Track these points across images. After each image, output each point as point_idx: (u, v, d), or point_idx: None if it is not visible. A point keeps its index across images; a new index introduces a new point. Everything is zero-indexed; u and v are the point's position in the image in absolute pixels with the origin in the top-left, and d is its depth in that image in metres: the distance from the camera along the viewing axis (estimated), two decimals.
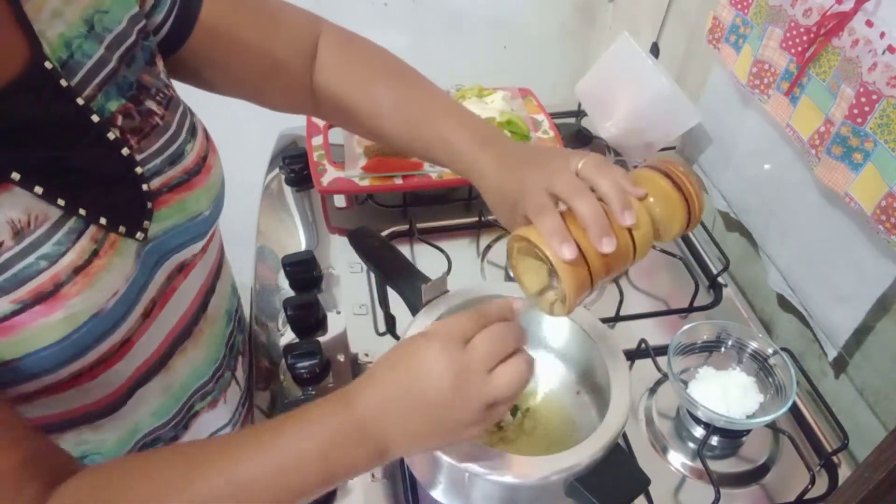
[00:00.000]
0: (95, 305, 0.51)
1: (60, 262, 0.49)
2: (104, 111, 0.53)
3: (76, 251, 0.50)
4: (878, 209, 0.70)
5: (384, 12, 1.43)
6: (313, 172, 1.03)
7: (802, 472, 0.74)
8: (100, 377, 0.55)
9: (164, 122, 0.58)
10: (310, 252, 0.94)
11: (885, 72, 0.67)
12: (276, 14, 0.70)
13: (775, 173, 0.94)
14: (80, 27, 0.51)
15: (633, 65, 1.06)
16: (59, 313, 0.49)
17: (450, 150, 0.65)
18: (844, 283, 0.81)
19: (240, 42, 0.66)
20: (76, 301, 0.49)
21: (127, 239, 0.54)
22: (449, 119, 0.66)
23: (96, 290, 0.51)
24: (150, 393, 0.62)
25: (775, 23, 0.85)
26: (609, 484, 0.59)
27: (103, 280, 0.51)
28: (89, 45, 0.52)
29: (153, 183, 0.57)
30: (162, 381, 0.63)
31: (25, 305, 0.47)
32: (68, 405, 0.56)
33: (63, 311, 0.49)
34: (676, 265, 1.00)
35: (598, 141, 1.18)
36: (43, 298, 0.48)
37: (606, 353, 0.67)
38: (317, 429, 0.49)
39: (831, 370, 0.89)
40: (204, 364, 0.70)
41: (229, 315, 0.76)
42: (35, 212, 0.48)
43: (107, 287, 0.52)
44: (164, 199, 0.58)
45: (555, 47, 1.55)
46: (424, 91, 0.70)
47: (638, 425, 0.81)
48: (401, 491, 0.72)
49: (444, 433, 0.50)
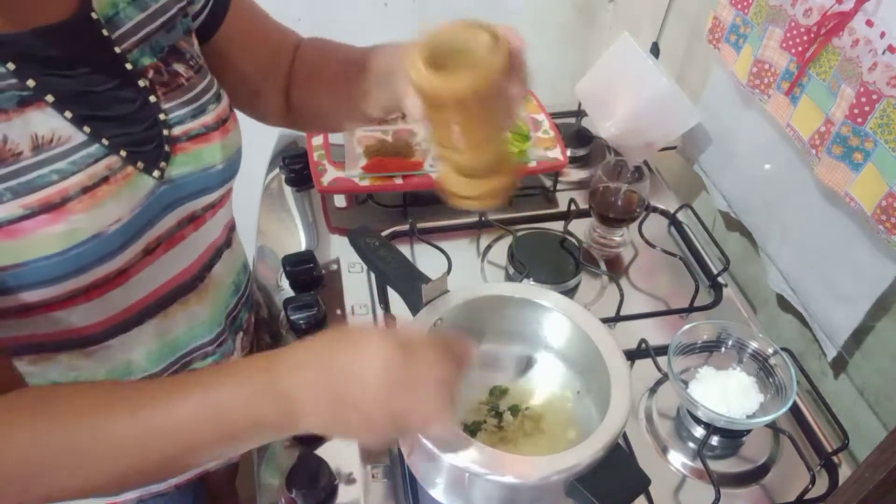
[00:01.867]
0: (97, 227, 0.55)
1: (71, 179, 0.53)
2: (138, 63, 0.60)
3: (87, 173, 0.54)
4: (879, 209, 0.70)
5: (384, 12, 1.43)
6: (313, 172, 1.03)
7: (803, 472, 0.74)
8: (95, 300, 0.58)
9: (189, 83, 0.64)
10: (310, 252, 0.94)
11: (886, 71, 0.67)
12: (280, 34, 0.78)
13: (776, 173, 0.94)
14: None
15: (633, 65, 1.06)
16: (61, 225, 0.52)
17: None
18: (844, 282, 0.81)
19: (253, 45, 0.74)
20: (79, 218, 0.53)
21: (143, 175, 0.58)
22: None
23: (99, 212, 0.55)
24: (145, 334, 0.66)
25: (775, 23, 0.85)
26: (609, 484, 0.59)
27: (108, 205, 0.55)
28: (132, 10, 0.59)
29: (175, 130, 0.62)
30: (158, 325, 0.66)
31: (33, 212, 0.51)
32: (64, 325, 0.59)
33: (65, 225, 0.52)
34: (676, 265, 1.00)
35: (599, 141, 1.18)
36: (49, 209, 0.52)
37: (606, 353, 0.67)
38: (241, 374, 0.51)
39: (831, 370, 0.89)
40: (204, 324, 0.72)
41: (237, 287, 0.79)
42: (60, 133, 0.53)
43: (110, 212, 0.56)
44: (183, 146, 0.62)
45: (555, 47, 1.54)
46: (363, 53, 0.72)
47: (638, 425, 0.81)
48: (401, 491, 0.72)
49: (349, 424, 0.51)
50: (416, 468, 0.67)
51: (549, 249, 0.99)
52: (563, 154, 1.08)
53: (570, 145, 1.17)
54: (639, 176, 0.98)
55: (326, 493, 0.70)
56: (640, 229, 1.04)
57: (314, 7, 1.41)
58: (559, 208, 1.10)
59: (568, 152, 1.11)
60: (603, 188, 0.97)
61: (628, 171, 0.99)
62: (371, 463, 0.74)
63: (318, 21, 1.42)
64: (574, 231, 1.02)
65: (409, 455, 0.68)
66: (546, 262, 0.97)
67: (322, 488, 0.70)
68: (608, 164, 0.98)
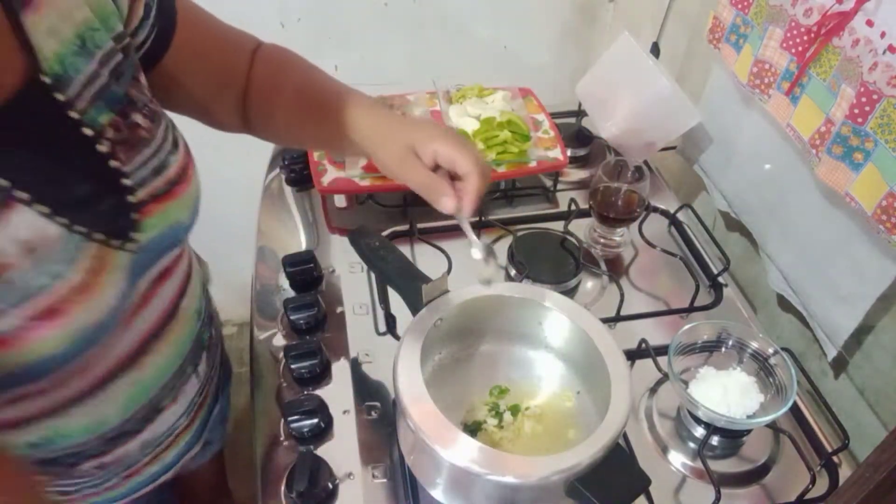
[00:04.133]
0: (94, 319, 0.53)
1: (65, 279, 0.50)
2: (96, 124, 0.54)
3: (79, 269, 0.51)
4: (879, 209, 0.70)
5: (384, 12, 1.43)
6: (314, 172, 1.03)
7: (803, 472, 0.74)
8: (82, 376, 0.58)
9: (149, 134, 0.59)
10: (310, 252, 0.94)
11: (886, 71, 0.67)
12: (232, 39, 0.74)
13: (776, 173, 0.94)
14: (74, 42, 0.53)
15: (633, 65, 1.06)
16: (61, 328, 0.51)
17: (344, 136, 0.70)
18: (845, 282, 0.81)
19: (203, 64, 0.70)
20: (78, 316, 0.51)
21: (118, 252, 0.56)
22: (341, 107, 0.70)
23: (95, 305, 0.53)
24: (118, 388, 0.64)
25: (776, 22, 0.85)
26: (609, 484, 0.59)
27: (102, 296, 0.53)
28: (82, 61, 0.53)
29: (139, 194, 0.58)
30: (130, 377, 0.65)
31: (32, 320, 0.49)
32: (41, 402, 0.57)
33: (62, 327, 0.51)
34: (677, 265, 1.00)
35: (599, 141, 1.18)
36: (49, 314, 0.50)
37: (606, 353, 0.67)
38: None
39: (832, 370, 0.89)
40: (171, 360, 0.71)
41: (199, 314, 0.76)
42: (41, 231, 0.49)
43: (104, 302, 0.54)
44: (149, 209, 0.59)
45: (555, 47, 1.54)
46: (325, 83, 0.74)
47: (638, 425, 0.81)
48: (401, 491, 0.72)
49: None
50: (417, 468, 0.67)
51: (549, 249, 0.99)
52: (563, 154, 1.08)
53: (571, 145, 1.17)
54: (639, 176, 0.98)
55: (326, 493, 0.70)
56: (640, 229, 1.04)
57: (314, 7, 1.41)
58: (559, 208, 1.10)
59: (568, 152, 1.11)
60: (603, 188, 0.97)
61: (628, 171, 0.99)
62: (371, 463, 0.74)
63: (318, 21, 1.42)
64: (574, 231, 1.02)
65: (409, 455, 0.68)
66: (546, 262, 0.97)
67: (322, 488, 0.70)
68: (608, 164, 0.98)
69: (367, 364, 0.84)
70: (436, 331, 0.69)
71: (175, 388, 0.72)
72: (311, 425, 0.74)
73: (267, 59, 0.75)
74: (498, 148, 1.05)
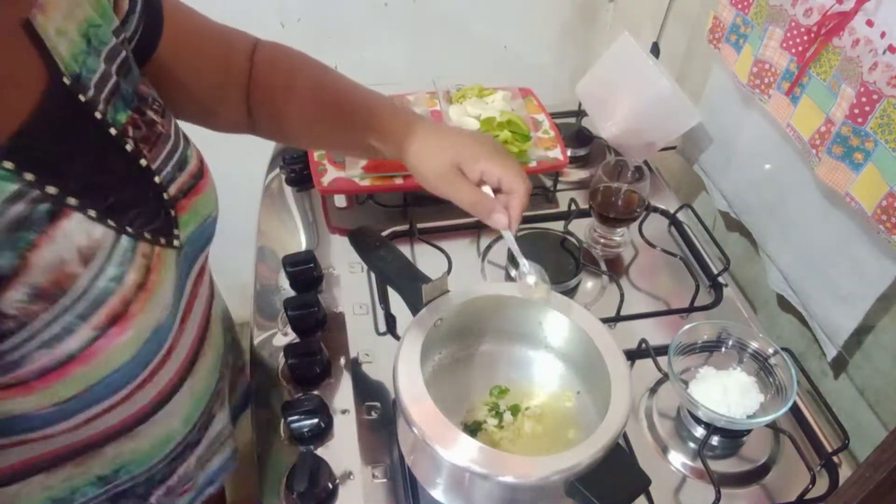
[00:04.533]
0: (155, 319, 0.52)
1: (125, 282, 0.49)
2: (117, 123, 0.53)
3: (135, 269, 0.50)
4: (879, 209, 0.70)
5: (384, 12, 1.43)
6: (314, 172, 1.03)
7: (803, 472, 0.74)
8: (147, 386, 0.55)
9: (164, 130, 0.59)
10: (310, 252, 0.94)
11: (886, 71, 0.67)
12: (226, 36, 0.72)
13: (776, 173, 0.94)
14: (82, 43, 0.51)
15: (633, 65, 1.06)
16: (129, 332, 0.49)
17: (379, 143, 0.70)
18: (844, 282, 0.81)
19: (198, 60, 0.69)
20: (141, 318, 0.50)
21: (167, 249, 0.55)
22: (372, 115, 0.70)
23: (154, 304, 0.52)
24: (181, 397, 0.62)
25: (776, 22, 0.85)
26: (609, 484, 0.59)
27: (159, 294, 0.52)
28: (92, 60, 0.52)
29: (170, 190, 0.57)
30: (189, 387, 0.64)
31: (103, 330, 0.48)
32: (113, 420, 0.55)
33: (132, 330, 0.50)
34: (677, 265, 1.00)
35: (599, 141, 1.18)
36: (116, 320, 0.48)
37: (606, 353, 0.67)
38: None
39: (832, 370, 0.89)
40: (214, 363, 0.70)
41: (223, 313, 0.77)
42: (95, 235, 0.48)
43: (162, 300, 0.53)
44: (182, 204, 0.59)
45: (555, 47, 1.54)
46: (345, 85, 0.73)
47: (638, 425, 0.81)
48: (401, 491, 0.72)
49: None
50: (417, 468, 0.67)
51: (549, 249, 0.99)
52: (563, 154, 1.08)
53: (571, 145, 1.17)
54: (639, 176, 0.98)
55: (326, 493, 0.70)
56: (640, 229, 1.04)
57: (314, 7, 1.41)
58: (559, 208, 1.10)
59: (568, 152, 1.11)
60: (603, 188, 0.97)
61: (628, 171, 0.99)
62: (371, 463, 0.74)
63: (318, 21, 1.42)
64: (574, 231, 1.02)
65: (409, 455, 0.68)
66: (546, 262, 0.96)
67: (322, 488, 0.70)
68: (608, 164, 0.98)
69: (367, 364, 0.84)
70: (436, 331, 0.69)
71: (221, 391, 0.72)
72: (311, 425, 0.74)
73: (272, 57, 0.74)
74: None
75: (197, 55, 0.69)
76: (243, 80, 0.73)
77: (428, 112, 1.14)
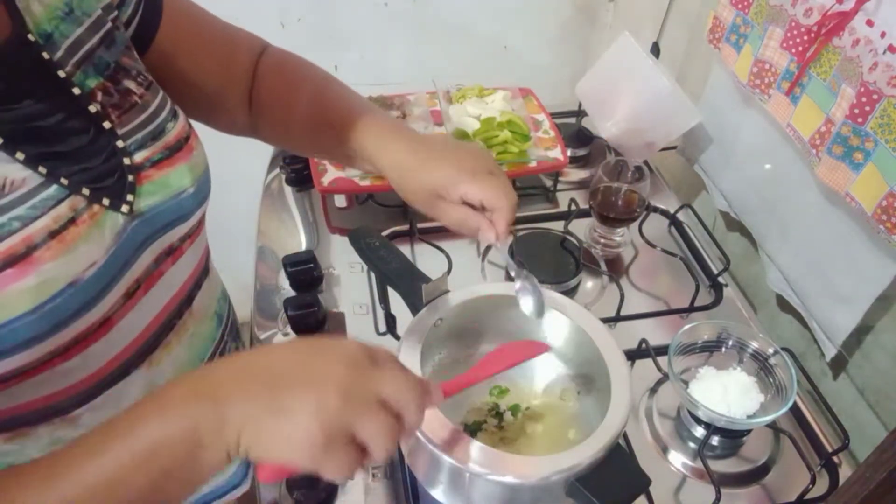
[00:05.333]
0: (70, 274, 0.50)
1: (34, 225, 0.48)
2: (85, 86, 0.55)
3: (52, 216, 0.49)
4: (879, 209, 0.70)
5: (384, 12, 1.43)
6: (314, 172, 1.03)
7: (803, 471, 0.74)
8: (75, 358, 0.54)
9: (142, 100, 0.59)
10: (310, 252, 0.94)
11: (886, 71, 0.67)
12: (230, 35, 0.73)
13: (776, 173, 0.94)
14: (61, 8, 0.54)
15: (633, 64, 1.06)
16: (31, 278, 0.47)
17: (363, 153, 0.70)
18: (844, 282, 0.81)
19: (201, 50, 0.70)
20: (50, 266, 0.48)
21: (111, 212, 0.54)
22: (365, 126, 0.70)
23: (72, 258, 0.50)
24: (131, 387, 0.60)
25: (776, 22, 0.85)
26: (610, 484, 0.59)
27: (80, 249, 0.51)
28: (68, 25, 0.54)
29: (136, 157, 0.57)
30: (145, 375, 0.62)
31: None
32: (42, 391, 0.54)
33: (35, 277, 0.48)
34: (677, 265, 1.00)
35: (599, 141, 1.18)
36: (14, 261, 0.47)
37: (607, 353, 0.67)
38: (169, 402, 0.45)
39: (831, 370, 0.89)
40: (189, 365, 0.68)
41: (219, 319, 0.75)
42: (12, 177, 0.48)
43: (83, 256, 0.51)
44: (148, 174, 0.58)
45: (555, 47, 1.55)
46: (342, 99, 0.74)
47: (638, 425, 0.81)
48: (401, 491, 0.72)
49: (278, 433, 0.44)
50: (417, 468, 0.67)
51: (549, 249, 0.99)
52: (563, 154, 1.08)
53: (571, 145, 1.17)
54: (639, 176, 0.98)
55: (326, 493, 0.70)
56: (640, 229, 1.04)
57: (314, 7, 1.41)
58: (559, 208, 1.10)
59: (568, 152, 1.11)
60: (603, 188, 0.97)
61: (629, 171, 0.99)
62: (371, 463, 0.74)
63: (318, 21, 1.43)
64: (574, 231, 1.02)
65: (409, 455, 0.68)
66: (546, 262, 0.97)
67: (322, 488, 0.70)
68: (608, 163, 0.98)
69: None
70: (436, 331, 0.69)
71: None
72: None
73: (279, 63, 0.75)
74: (498, 148, 1.05)
75: (198, 48, 0.69)
76: (246, 81, 0.73)
77: (428, 112, 1.14)
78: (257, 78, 0.74)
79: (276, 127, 0.76)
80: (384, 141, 0.69)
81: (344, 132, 0.70)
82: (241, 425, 0.43)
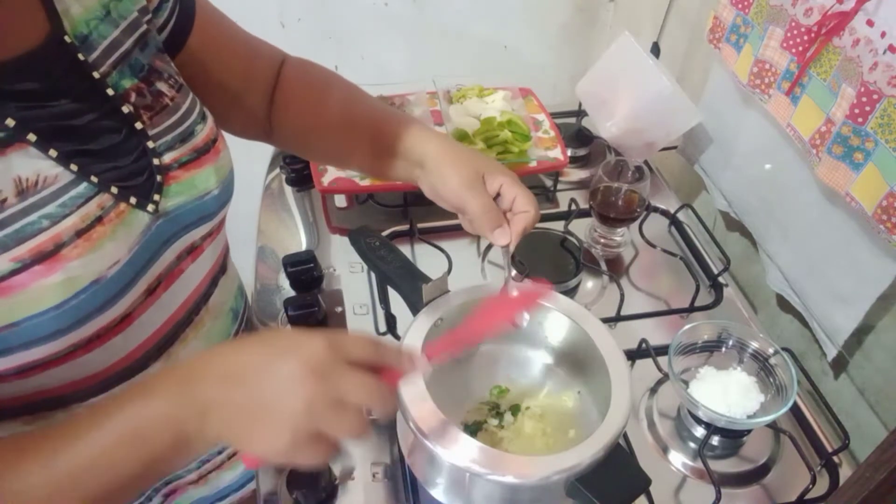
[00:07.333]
0: (95, 272, 0.51)
1: (63, 223, 0.49)
2: (119, 87, 0.56)
3: (80, 215, 0.51)
4: (879, 209, 0.70)
5: (385, 12, 1.43)
6: (314, 172, 1.03)
7: (803, 471, 0.73)
8: (95, 351, 0.55)
9: (174, 103, 0.61)
10: (310, 252, 0.94)
11: (886, 71, 0.67)
12: (252, 44, 0.75)
13: (776, 173, 0.94)
14: (98, 10, 0.55)
15: (633, 64, 1.06)
16: (58, 275, 0.49)
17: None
18: (845, 282, 0.81)
19: (228, 56, 0.72)
20: (76, 264, 0.50)
21: (137, 211, 0.55)
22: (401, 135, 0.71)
23: (97, 255, 0.51)
24: None
25: (776, 22, 0.85)
26: (610, 484, 0.59)
27: (105, 247, 0.52)
28: (105, 27, 0.56)
29: (164, 158, 0.59)
30: (163, 368, 0.63)
31: (24, 264, 0.47)
32: (62, 380, 0.55)
33: (62, 274, 0.49)
34: (677, 265, 1.00)
35: (599, 141, 1.18)
36: (43, 258, 0.48)
37: (606, 353, 0.67)
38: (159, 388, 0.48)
39: (832, 370, 0.89)
40: None
41: (235, 314, 0.76)
42: (45, 173, 0.49)
43: (108, 255, 0.52)
44: (175, 174, 0.60)
45: (555, 47, 1.55)
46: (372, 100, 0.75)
47: (639, 425, 0.81)
48: (401, 491, 0.72)
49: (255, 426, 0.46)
50: (417, 468, 0.67)
51: (549, 249, 0.99)
52: (563, 154, 1.08)
53: (571, 145, 1.17)
54: (639, 176, 0.98)
55: (326, 493, 0.70)
56: (640, 229, 1.04)
57: (314, 7, 1.41)
58: (560, 208, 1.10)
59: (568, 152, 1.11)
60: (603, 188, 0.97)
61: (629, 171, 0.99)
62: (371, 463, 0.74)
63: (319, 21, 1.43)
64: (574, 231, 1.02)
65: (409, 455, 0.68)
66: (546, 262, 0.97)
67: (322, 488, 0.70)
68: (609, 163, 0.98)
69: None
70: (436, 331, 0.69)
71: None
72: None
73: (304, 73, 0.76)
74: (498, 148, 1.05)
75: (223, 48, 0.71)
76: (268, 81, 0.75)
77: (428, 112, 1.14)
78: (281, 82, 0.75)
79: (301, 131, 0.77)
80: (428, 132, 0.71)
81: (381, 129, 0.71)
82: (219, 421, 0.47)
